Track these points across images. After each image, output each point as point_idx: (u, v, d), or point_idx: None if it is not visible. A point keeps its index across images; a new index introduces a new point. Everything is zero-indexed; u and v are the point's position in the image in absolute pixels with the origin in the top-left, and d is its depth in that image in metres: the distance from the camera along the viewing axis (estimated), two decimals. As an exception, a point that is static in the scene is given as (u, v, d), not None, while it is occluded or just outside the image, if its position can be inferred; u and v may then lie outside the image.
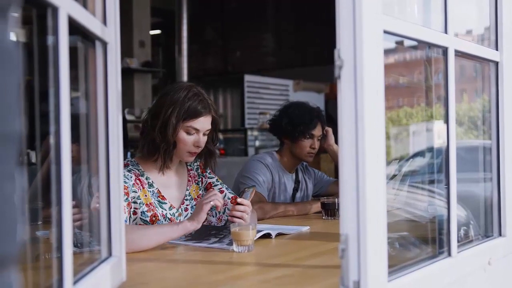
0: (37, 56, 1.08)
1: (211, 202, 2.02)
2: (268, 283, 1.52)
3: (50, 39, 1.03)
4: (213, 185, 2.43)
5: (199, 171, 2.44)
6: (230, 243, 1.93)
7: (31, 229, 1.51)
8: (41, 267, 1.30)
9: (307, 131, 3.01)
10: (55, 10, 1.01)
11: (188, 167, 2.43)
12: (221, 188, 2.42)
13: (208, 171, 2.46)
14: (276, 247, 2.07)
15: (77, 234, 1.43)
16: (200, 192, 2.40)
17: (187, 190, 2.37)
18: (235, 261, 1.80)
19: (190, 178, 2.40)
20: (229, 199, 2.38)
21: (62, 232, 1.02)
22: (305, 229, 2.38)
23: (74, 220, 1.40)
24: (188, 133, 2.21)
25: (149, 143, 2.22)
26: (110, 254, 1.39)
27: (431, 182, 1.98)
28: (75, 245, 1.28)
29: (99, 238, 1.39)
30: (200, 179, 2.43)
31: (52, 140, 1.04)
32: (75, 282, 1.10)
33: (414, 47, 1.75)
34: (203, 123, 2.23)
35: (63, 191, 1.03)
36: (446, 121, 1.55)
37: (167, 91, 2.24)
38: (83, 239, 1.49)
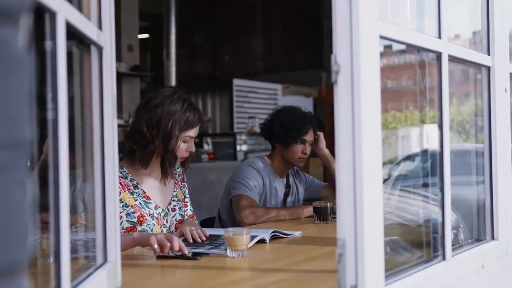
0: (33, 61, 1.07)
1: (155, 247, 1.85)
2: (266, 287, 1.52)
3: (47, 44, 1.03)
4: (185, 196, 2.54)
5: (180, 178, 2.53)
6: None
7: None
8: (35, 273, 1.29)
9: (299, 136, 3.01)
10: (53, 15, 1.00)
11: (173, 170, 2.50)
12: (187, 202, 2.53)
13: (185, 182, 2.57)
14: (270, 252, 2.07)
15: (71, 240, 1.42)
16: (183, 196, 2.50)
17: (174, 191, 2.45)
18: (230, 266, 1.79)
19: (176, 181, 2.48)
20: (187, 216, 2.46)
21: (60, 238, 1.02)
22: (298, 233, 2.38)
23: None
24: (185, 141, 2.31)
25: (149, 154, 2.27)
26: (105, 260, 1.38)
27: (422, 186, 1.99)
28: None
29: (94, 244, 1.38)
30: (182, 185, 2.53)
31: (47, 145, 1.04)
32: (72, 289, 1.09)
33: (402, 51, 1.76)
34: (197, 130, 2.35)
35: (61, 197, 1.02)
36: (440, 126, 1.56)
37: (160, 102, 2.28)
38: (76, 244, 1.48)
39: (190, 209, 2.53)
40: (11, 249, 0.58)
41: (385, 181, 2.29)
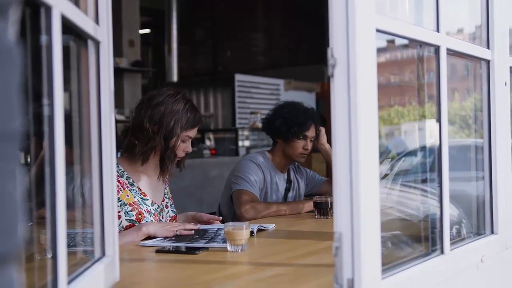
0: (29, 55, 1.07)
1: (177, 232, 2.15)
2: (262, 282, 1.52)
3: (43, 38, 1.03)
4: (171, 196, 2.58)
5: (167, 177, 2.56)
6: (225, 241, 1.93)
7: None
8: (33, 268, 1.29)
9: (300, 132, 3.01)
10: (48, 9, 1.00)
11: None
12: (170, 202, 2.54)
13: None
14: (269, 246, 2.07)
15: (70, 234, 1.43)
16: (171, 194, 2.55)
17: (165, 189, 2.50)
18: (229, 261, 1.79)
19: (166, 180, 2.52)
20: (170, 217, 2.48)
21: (56, 232, 1.02)
22: (271, 226, 2.40)
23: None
24: (183, 141, 2.35)
25: (149, 150, 2.31)
26: (103, 254, 1.38)
27: (423, 181, 1.99)
28: (68, 245, 1.28)
29: (92, 238, 1.39)
30: (168, 184, 2.57)
31: (44, 140, 1.04)
32: (69, 282, 1.10)
33: (405, 46, 1.76)
34: (196, 131, 2.40)
35: (57, 191, 1.02)
36: (439, 120, 1.55)
37: (163, 100, 2.31)
38: (75, 239, 1.49)
39: (173, 210, 2.55)
40: (1, 240, 0.58)
41: (385, 176, 2.29)
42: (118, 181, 2.26)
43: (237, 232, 1.88)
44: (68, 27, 1.14)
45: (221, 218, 2.51)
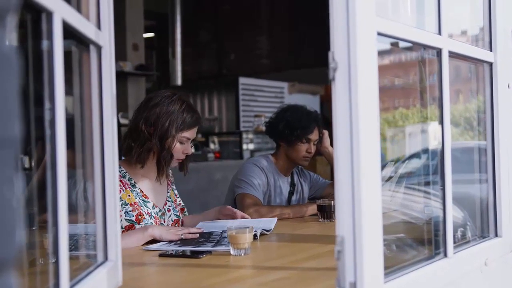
0: (31, 60, 1.08)
1: (182, 236, 2.15)
2: (266, 285, 1.52)
3: (44, 43, 1.03)
4: (177, 196, 2.59)
5: (172, 180, 2.58)
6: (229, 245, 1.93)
7: (27, 234, 1.50)
8: (36, 272, 1.29)
9: (304, 135, 3.00)
10: (49, 14, 1.01)
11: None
12: (179, 200, 2.58)
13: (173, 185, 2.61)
14: (273, 250, 2.07)
15: (72, 238, 1.43)
16: (175, 197, 2.55)
17: (168, 192, 2.50)
18: (232, 265, 1.79)
19: (169, 183, 2.53)
20: (172, 221, 2.47)
21: (58, 237, 1.02)
22: (274, 221, 2.44)
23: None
24: (181, 142, 2.35)
25: (146, 151, 2.30)
26: (106, 258, 1.39)
27: (427, 183, 1.99)
28: (70, 249, 1.28)
29: (95, 242, 1.39)
30: (173, 187, 2.58)
31: (47, 145, 1.04)
32: (71, 286, 1.10)
33: (409, 49, 1.76)
34: (195, 132, 2.39)
35: (59, 195, 1.02)
36: (441, 122, 1.55)
37: (159, 101, 2.32)
38: (78, 243, 1.49)
39: (176, 213, 2.55)
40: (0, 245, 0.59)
41: (389, 178, 2.28)
42: (120, 180, 2.28)
43: (240, 236, 1.88)
44: (70, 32, 1.15)
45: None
